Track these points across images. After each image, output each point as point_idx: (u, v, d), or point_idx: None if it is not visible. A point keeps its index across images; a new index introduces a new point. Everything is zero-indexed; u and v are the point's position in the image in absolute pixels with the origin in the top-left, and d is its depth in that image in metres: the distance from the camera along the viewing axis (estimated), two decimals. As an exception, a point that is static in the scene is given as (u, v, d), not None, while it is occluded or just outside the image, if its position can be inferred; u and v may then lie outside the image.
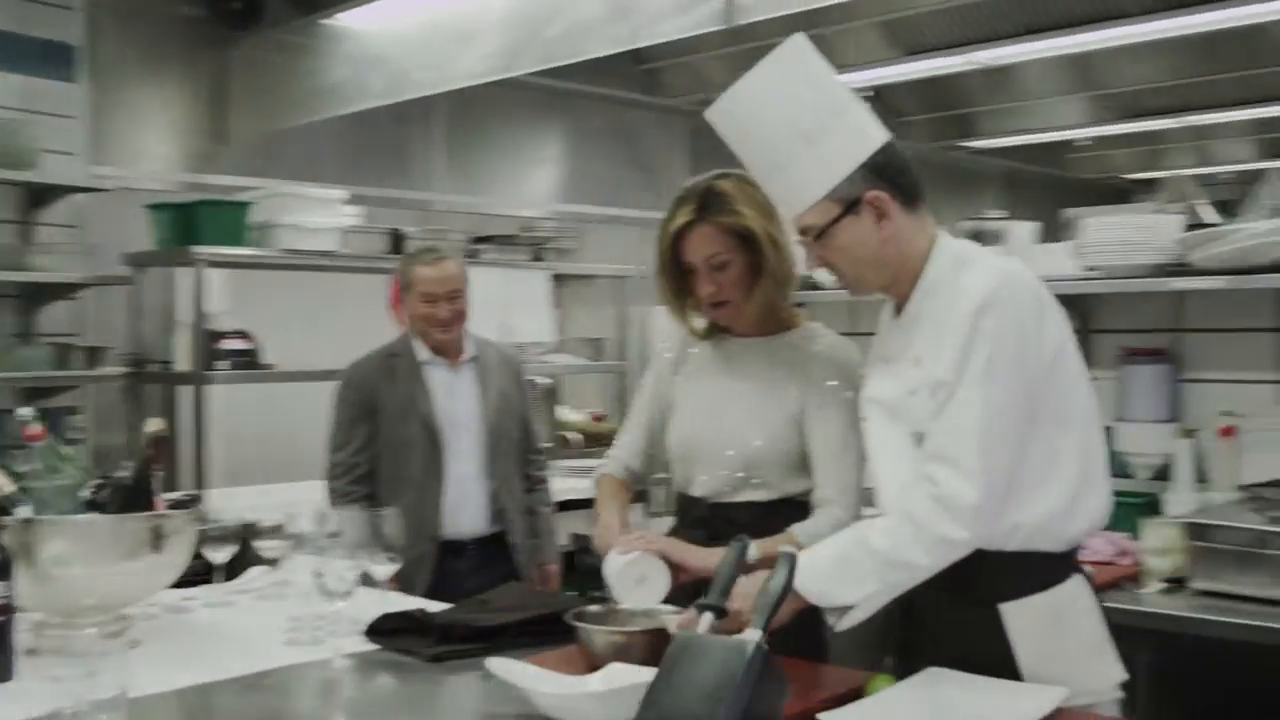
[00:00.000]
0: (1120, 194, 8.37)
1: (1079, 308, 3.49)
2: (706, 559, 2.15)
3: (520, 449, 3.63)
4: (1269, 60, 5.98)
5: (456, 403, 3.51)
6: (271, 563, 2.74)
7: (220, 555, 2.60)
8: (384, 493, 3.43)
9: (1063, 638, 1.97)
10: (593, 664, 2.06)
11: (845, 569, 1.92)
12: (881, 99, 7.77)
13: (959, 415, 1.87)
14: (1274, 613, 2.63)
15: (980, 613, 1.96)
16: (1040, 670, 1.93)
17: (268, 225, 4.71)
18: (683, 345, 2.61)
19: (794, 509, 2.43)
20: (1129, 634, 2.79)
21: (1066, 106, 7.34)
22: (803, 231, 2.04)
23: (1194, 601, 2.77)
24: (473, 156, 6.09)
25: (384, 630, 2.38)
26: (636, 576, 2.23)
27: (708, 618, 1.69)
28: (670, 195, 2.44)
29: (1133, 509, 3.28)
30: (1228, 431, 3.18)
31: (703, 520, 2.46)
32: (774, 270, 2.39)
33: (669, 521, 2.70)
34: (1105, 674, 1.99)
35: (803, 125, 1.98)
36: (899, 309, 2.08)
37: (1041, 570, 1.97)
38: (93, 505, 2.37)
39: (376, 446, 3.49)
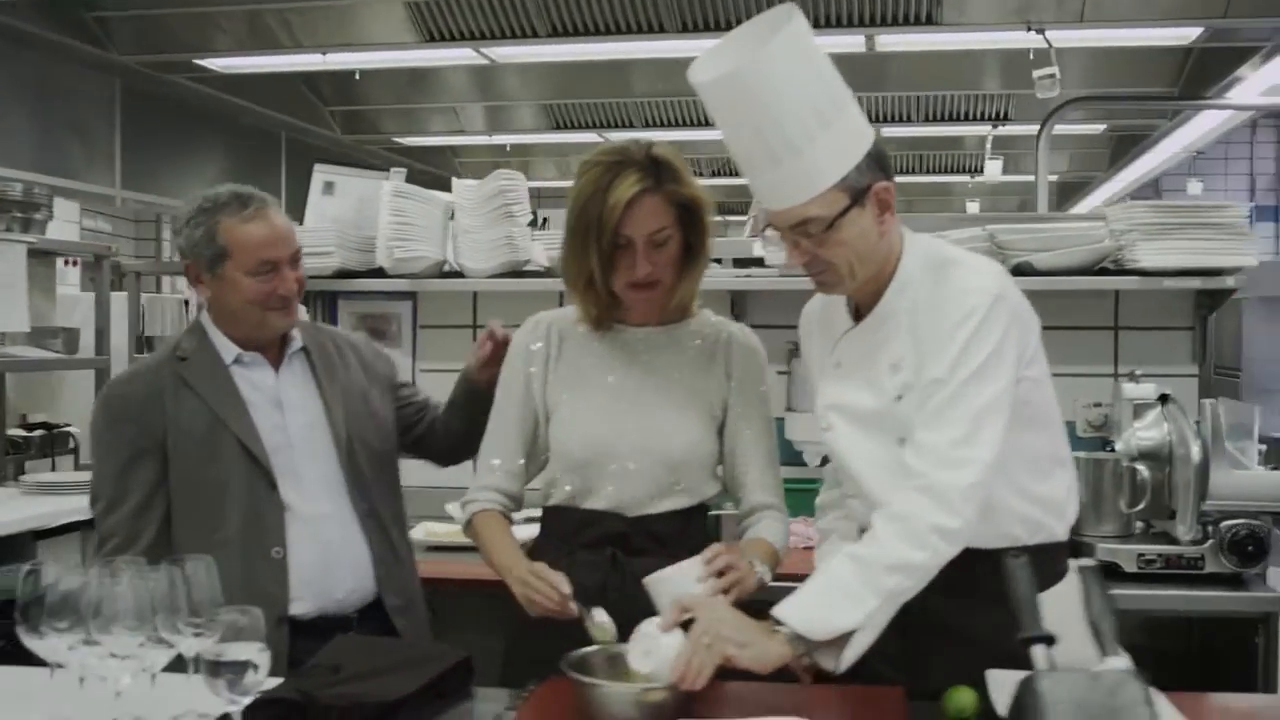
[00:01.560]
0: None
1: (740, 304, 3.49)
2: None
3: (391, 462, 2.40)
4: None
5: (291, 416, 2.25)
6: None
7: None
8: None
9: (1078, 626, 1.93)
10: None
11: (835, 591, 1.73)
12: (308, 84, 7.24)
13: (950, 409, 1.76)
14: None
15: (1006, 612, 1.80)
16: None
17: None
18: (554, 336, 2.16)
19: (704, 516, 2.17)
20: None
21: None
22: (801, 224, 1.80)
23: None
24: None
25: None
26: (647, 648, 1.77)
27: (1042, 649, 1.37)
28: (101, 161, 2.00)
29: (809, 494, 3.34)
30: (884, 418, 3.36)
31: (619, 537, 2.05)
32: (707, 251, 2.10)
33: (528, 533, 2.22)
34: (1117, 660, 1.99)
35: (818, 106, 1.76)
36: (857, 309, 1.94)
37: (1057, 561, 1.94)
38: None
39: (166, 498, 2.17)
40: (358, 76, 5.82)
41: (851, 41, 4.99)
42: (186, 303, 7.69)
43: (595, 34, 4.86)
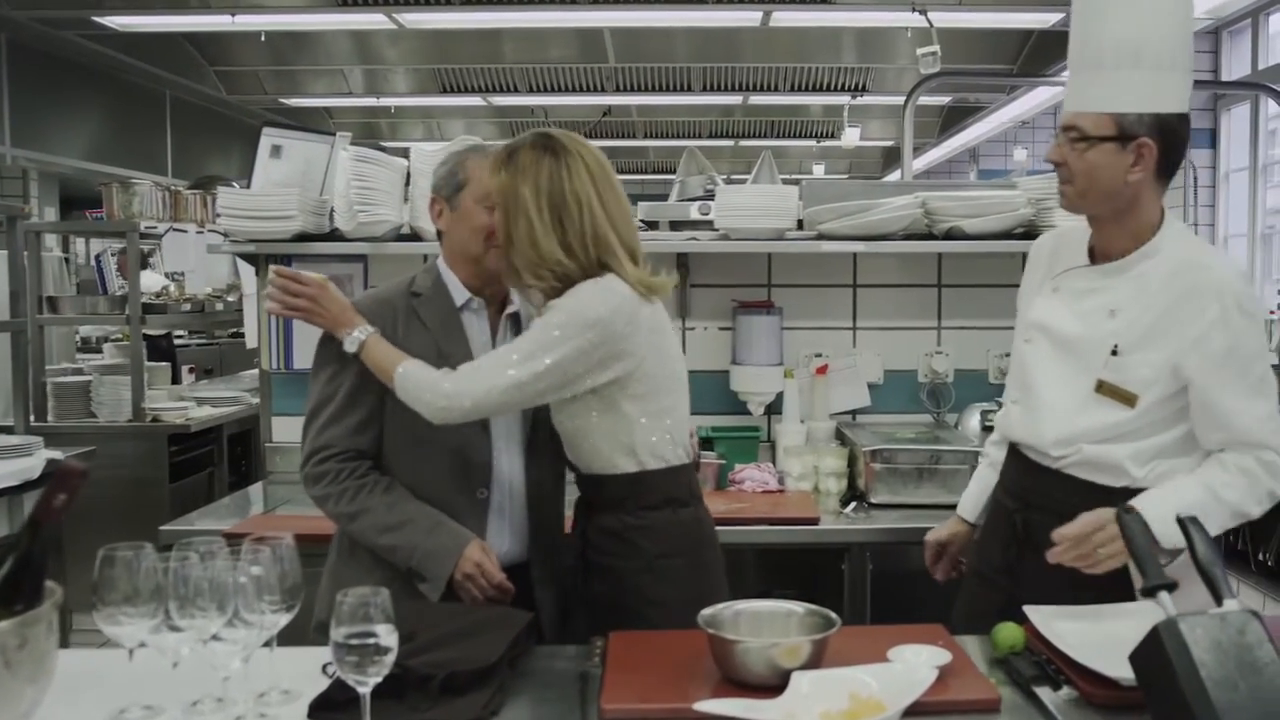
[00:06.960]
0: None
1: (684, 264, 3.44)
2: None
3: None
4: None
5: None
6: None
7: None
8: None
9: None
10: (734, 677, 1.62)
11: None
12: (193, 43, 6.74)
13: (1265, 404, 1.89)
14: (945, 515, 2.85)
15: None
16: None
17: None
18: None
19: None
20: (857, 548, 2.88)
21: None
22: (1069, 129, 1.92)
23: (881, 514, 2.93)
24: None
25: (339, 702, 1.57)
26: None
27: (1166, 597, 1.38)
28: None
29: (751, 441, 3.35)
30: (822, 370, 3.39)
31: None
32: None
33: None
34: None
35: (1174, 50, 1.87)
36: (1094, 253, 2.01)
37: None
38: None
39: (382, 421, 2.12)
40: (263, 38, 5.45)
41: (749, 17, 4.96)
42: (67, 260, 7.12)
43: (510, 3, 4.68)
